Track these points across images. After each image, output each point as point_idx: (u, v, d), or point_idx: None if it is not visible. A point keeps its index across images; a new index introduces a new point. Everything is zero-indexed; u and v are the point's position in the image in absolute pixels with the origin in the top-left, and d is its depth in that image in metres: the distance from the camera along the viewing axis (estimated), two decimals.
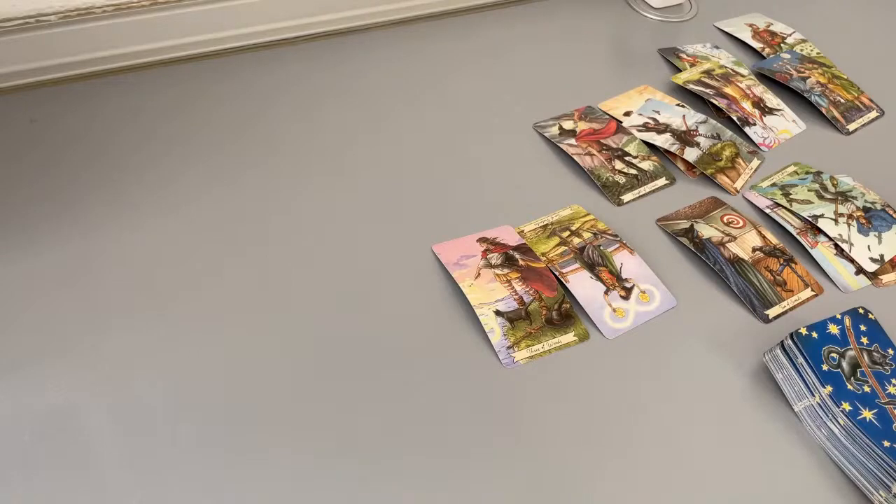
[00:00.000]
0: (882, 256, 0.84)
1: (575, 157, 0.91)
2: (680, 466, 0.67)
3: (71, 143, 0.86)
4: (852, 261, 0.84)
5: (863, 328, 0.73)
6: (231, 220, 0.81)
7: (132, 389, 0.67)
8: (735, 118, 0.98)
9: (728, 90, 1.01)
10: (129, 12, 0.93)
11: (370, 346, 0.72)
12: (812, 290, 0.81)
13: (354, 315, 0.74)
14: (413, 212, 0.84)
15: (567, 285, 0.78)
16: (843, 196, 0.89)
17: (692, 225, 0.85)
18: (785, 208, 0.88)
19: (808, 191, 0.89)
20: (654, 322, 0.77)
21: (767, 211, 0.88)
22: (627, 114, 0.98)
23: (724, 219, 0.86)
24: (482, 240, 0.81)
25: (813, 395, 0.70)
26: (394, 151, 0.90)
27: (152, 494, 0.61)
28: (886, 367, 0.71)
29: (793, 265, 0.82)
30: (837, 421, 0.68)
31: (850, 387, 0.69)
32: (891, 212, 0.88)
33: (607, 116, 0.97)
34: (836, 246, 0.85)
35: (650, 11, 1.16)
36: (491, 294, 0.76)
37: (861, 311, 0.74)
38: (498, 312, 0.75)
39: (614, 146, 0.93)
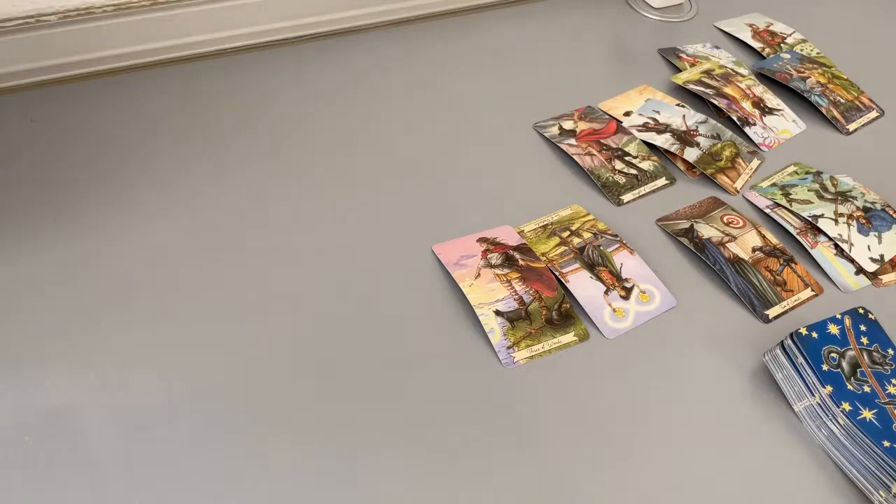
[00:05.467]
0: (882, 256, 0.84)
1: (575, 157, 0.91)
2: (680, 466, 0.67)
3: (71, 143, 0.86)
4: (852, 261, 0.84)
5: (863, 328, 0.73)
6: (231, 220, 0.81)
7: (132, 389, 0.67)
8: (735, 118, 0.98)
9: (728, 90, 1.01)
10: (129, 12, 0.93)
11: (370, 346, 0.72)
12: (812, 290, 0.81)
13: (354, 315, 0.74)
14: (413, 212, 0.84)
15: (567, 285, 0.78)
16: (843, 196, 0.89)
17: (692, 225, 0.85)
18: (785, 208, 0.88)
19: (808, 191, 0.89)
20: (654, 322, 0.77)
21: (767, 211, 0.88)
22: (627, 114, 0.98)
23: (724, 219, 0.86)
24: (482, 240, 0.81)
25: (813, 395, 0.70)
26: (394, 151, 0.90)
27: (153, 495, 0.61)
28: (886, 367, 0.71)
29: (793, 265, 0.82)
30: (837, 421, 0.68)
31: (850, 387, 0.69)
32: (891, 212, 0.88)
33: (607, 116, 0.97)
34: (836, 246, 0.85)
35: (650, 11, 1.16)
36: (491, 294, 0.76)
37: (861, 311, 0.74)
38: (498, 312, 0.75)
39: (614, 146, 0.93)
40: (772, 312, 0.79)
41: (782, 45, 1.12)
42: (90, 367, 0.68)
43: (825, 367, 0.70)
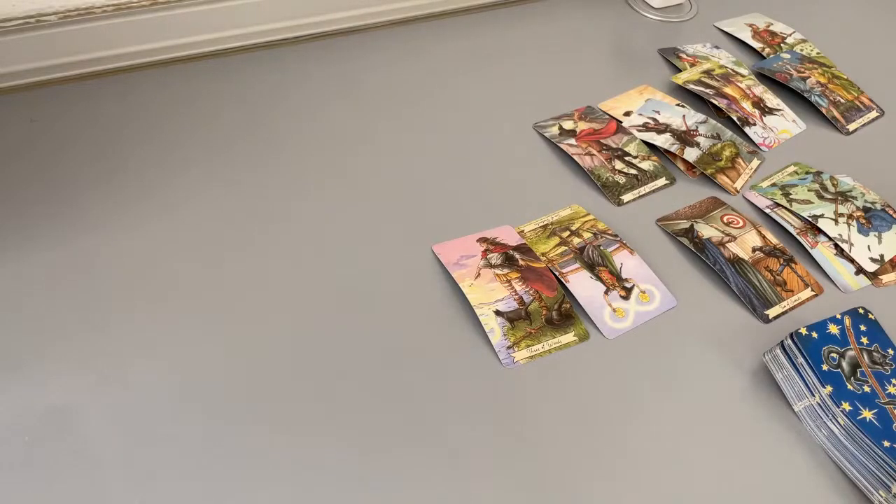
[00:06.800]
0: (882, 256, 0.84)
1: (575, 157, 0.91)
2: (679, 466, 0.67)
3: (71, 143, 0.86)
4: (852, 261, 0.84)
5: (863, 328, 0.73)
6: (231, 220, 0.81)
7: (132, 389, 0.67)
8: (735, 118, 0.98)
9: (728, 90, 1.01)
10: (129, 12, 0.93)
11: (370, 346, 0.72)
12: (812, 290, 0.81)
13: (354, 315, 0.74)
14: (413, 212, 0.84)
15: (567, 285, 0.78)
16: (843, 196, 0.89)
17: (692, 225, 0.85)
18: (785, 208, 0.88)
19: (808, 191, 0.89)
20: (654, 322, 0.77)
21: (767, 211, 0.88)
22: (627, 114, 0.98)
23: (724, 219, 0.86)
24: (482, 240, 0.81)
25: (813, 395, 0.70)
26: (394, 151, 0.90)
27: (153, 495, 0.61)
28: (886, 367, 0.71)
29: (793, 265, 0.82)
30: (837, 421, 0.68)
31: (850, 387, 0.69)
32: (891, 212, 0.88)
33: (607, 116, 0.97)
34: (836, 246, 0.85)
35: (650, 11, 1.16)
36: (491, 294, 0.76)
37: (861, 311, 0.74)
38: (498, 312, 0.75)
39: (614, 146, 0.93)
40: (772, 312, 0.79)
41: (782, 45, 1.12)
42: (90, 367, 0.68)
43: (825, 367, 0.70)
